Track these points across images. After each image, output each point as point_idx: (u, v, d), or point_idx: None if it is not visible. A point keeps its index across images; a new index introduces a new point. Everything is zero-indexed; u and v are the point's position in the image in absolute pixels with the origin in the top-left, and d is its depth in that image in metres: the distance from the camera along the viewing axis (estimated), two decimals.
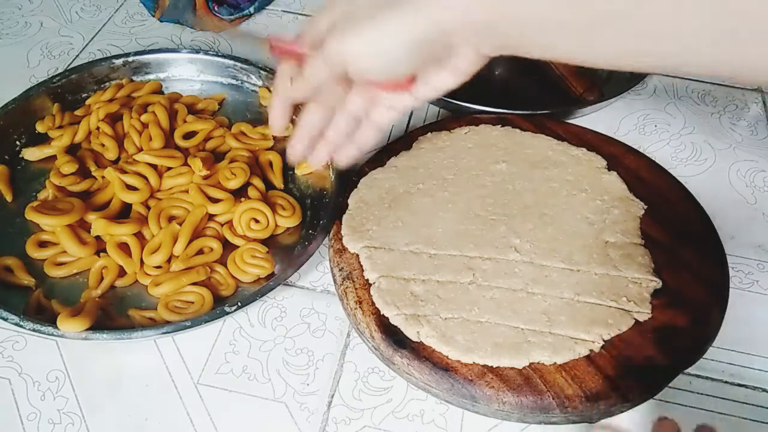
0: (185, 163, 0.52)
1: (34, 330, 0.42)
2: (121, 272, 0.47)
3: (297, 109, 0.43)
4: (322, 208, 0.51)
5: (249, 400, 0.43)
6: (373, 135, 0.42)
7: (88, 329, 0.42)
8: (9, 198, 0.52)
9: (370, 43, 0.34)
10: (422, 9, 0.32)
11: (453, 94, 0.39)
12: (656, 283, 0.45)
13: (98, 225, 0.47)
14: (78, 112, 0.57)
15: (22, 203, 0.50)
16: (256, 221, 0.50)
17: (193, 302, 0.46)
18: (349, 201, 0.50)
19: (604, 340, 0.41)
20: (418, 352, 0.41)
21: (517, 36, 0.33)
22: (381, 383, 0.44)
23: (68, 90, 0.59)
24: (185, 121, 0.57)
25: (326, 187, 0.54)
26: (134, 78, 0.62)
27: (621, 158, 0.53)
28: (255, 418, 0.42)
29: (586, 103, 0.60)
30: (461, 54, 0.35)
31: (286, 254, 0.50)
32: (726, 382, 0.45)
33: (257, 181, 0.52)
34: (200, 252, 0.49)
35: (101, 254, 0.48)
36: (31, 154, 0.55)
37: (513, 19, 0.32)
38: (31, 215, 0.48)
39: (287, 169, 0.55)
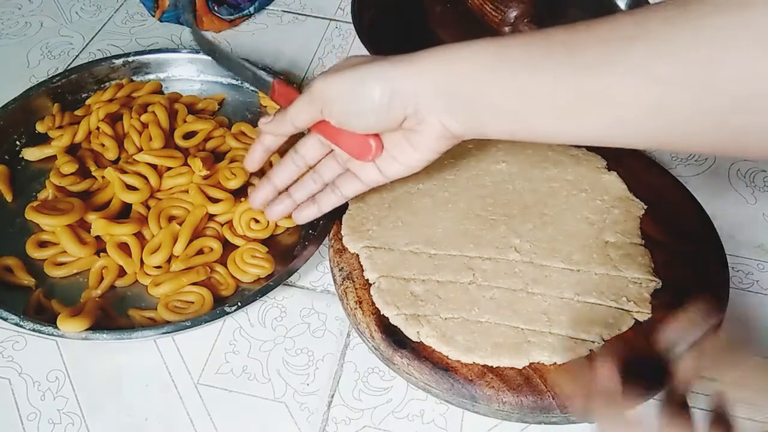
0: (185, 163, 0.52)
1: (34, 330, 0.42)
2: (121, 272, 0.47)
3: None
4: None
5: (249, 400, 0.43)
6: (335, 201, 0.44)
7: (88, 329, 0.42)
8: (9, 198, 0.52)
9: (347, 87, 0.37)
10: (399, 67, 0.36)
11: None
12: (656, 283, 0.45)
13: (98, 225, 0.47)
14: (78, 112, 0.57)
15: (22, 203, 0.50)
16: (256, 221, 0.50)
17: (193, 302, 0.46)
18: (349, 201, 0.50)
19: (604, 340, 0.41)
20: (418, 352, 0.41)
21: (482, 110, 0.35)
22: (381, 383, 0.44)
23: (68, 90, 0.59)
24: (185, 121, 0.57)
25: None
26: (134, 78, 0.62)
27: (621, 158, 0.53)
28: (255, 418, 0.42)
29: None
30: (428, 127, 0.37)
31: (286, 254, 0.50)
32: None
33: (257, 181, 0.52)
34: (200, 252, 0.49)
35: (101, 254, 0.48)
36: (31, 154, 0.55)
37: (475, 89, 0.34)
38: (31, 215, 0.48)
39: None
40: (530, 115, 0.34)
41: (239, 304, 0.44)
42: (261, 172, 0.54)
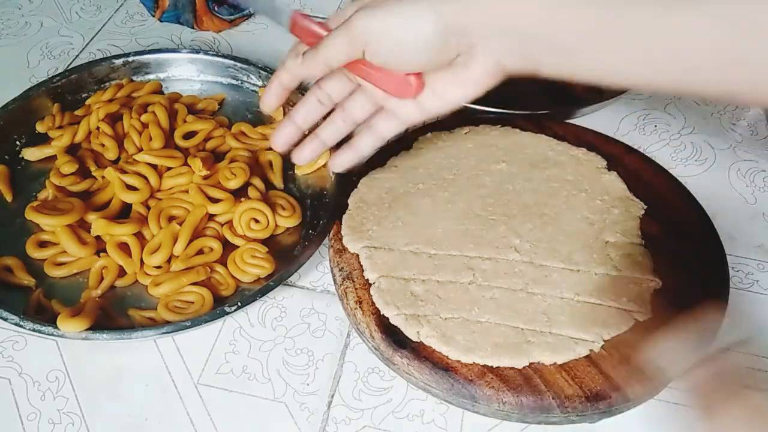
0: (185, 163, 0.52)
1: (34, 330, 0.42)
2: (121, 272, 0.47)
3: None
4: (322, 208, 0.51)
5: (249, 400, 0.43)
6: (373, 143, 0.40)
7: (88, 329, 0.42)
8: (9, 198, 0.52)
9: (395, 23, 0.33)
10: (452, 1, 0.32)
11: None
12: (656, 283, 0.45)
13: (98, 225, 0.47)
14: (78, 112, 0.57)
15: (22, 203, 0.50)
16: (256, 221, 0.50)
17: (193, 302, 0.46)
18: (349, 201, 0.50)
19: (604, 340, 0.41)
20: (418, 352, 0.41)
21: (542, 46, 0.32)
22: (381, 383, 0.44)
23: (68, 90, 0.59)
24: (185, 121, 0.57)
25: (326, 187, 0.54)
26: (134, 78, 0.62)
27: (621, 158, 0.53)
28: (255, 418, 0.42)
29: (586, 102, 0.60)
30: (478, 63, 0.34)
31: (286, 254, 0.50)
32: None
33: (257, 181, 0.52)
34: (200, 252, 0.49)
35: (101, 254, 0.48)
36: (31, 154, 0.55)
37: (539, 25, 0.31)
38: (31, 215, 0.48)
39: (287, 169, 0.55)
40: (593, 54, 0.31)
41: (239, 304, 0.44)
42: (261, 173, 0.54)
